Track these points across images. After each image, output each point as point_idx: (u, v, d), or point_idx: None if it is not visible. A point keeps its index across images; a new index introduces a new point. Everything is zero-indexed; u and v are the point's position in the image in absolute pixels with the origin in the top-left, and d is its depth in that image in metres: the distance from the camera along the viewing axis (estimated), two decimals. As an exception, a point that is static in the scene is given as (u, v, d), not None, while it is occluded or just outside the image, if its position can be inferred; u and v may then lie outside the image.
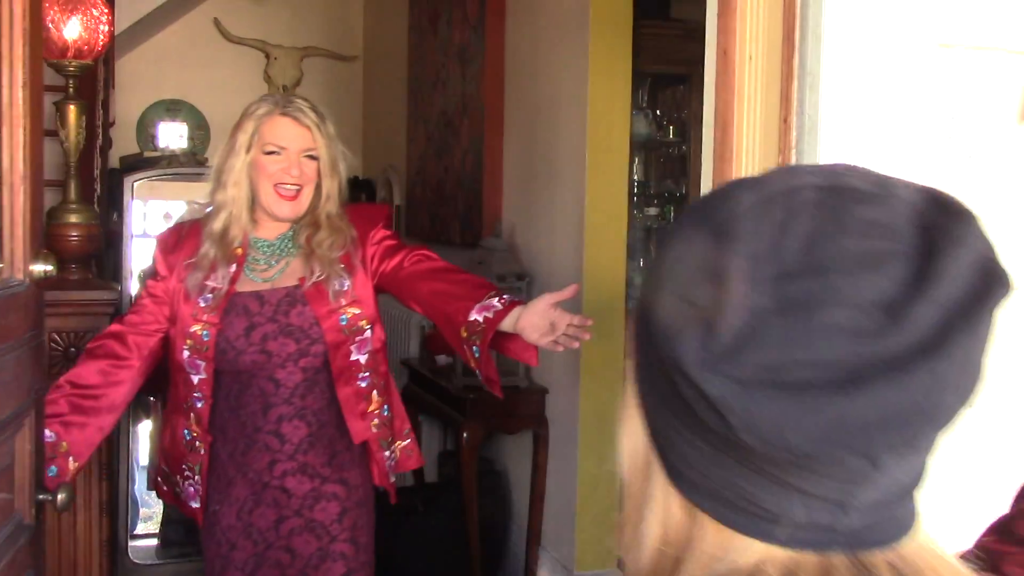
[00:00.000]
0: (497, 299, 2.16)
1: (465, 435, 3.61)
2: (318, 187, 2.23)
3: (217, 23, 6.29)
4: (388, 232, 2.37)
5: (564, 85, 3.66)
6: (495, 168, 4.19)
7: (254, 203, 2.21)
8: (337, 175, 2.26)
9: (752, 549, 0.59)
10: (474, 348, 2.14)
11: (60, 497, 1.85)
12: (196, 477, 2.22)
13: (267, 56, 6.40)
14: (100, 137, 4.05)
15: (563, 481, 3.68)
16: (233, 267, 2.18)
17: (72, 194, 3.00)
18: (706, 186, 1.32)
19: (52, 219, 3.04)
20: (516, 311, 2.11)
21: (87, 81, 3.43)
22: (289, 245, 2.25)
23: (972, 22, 1.21)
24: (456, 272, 2.33)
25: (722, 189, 0.61)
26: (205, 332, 2.16)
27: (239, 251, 2.19)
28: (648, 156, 4.24)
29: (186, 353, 2.17)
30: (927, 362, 0.52)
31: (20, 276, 1.79)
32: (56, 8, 2.84)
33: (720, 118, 1.26)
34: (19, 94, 1.76)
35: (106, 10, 2.97)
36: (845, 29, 1.13)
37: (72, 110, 2.94)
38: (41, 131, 1.89)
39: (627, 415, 0.68)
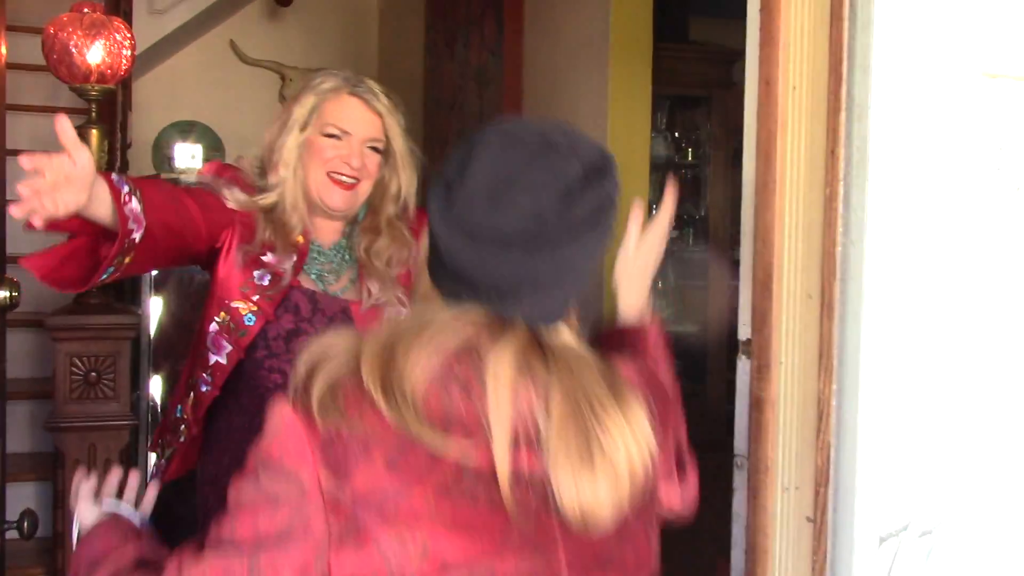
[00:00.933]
0: None
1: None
2: (380, 184, 1.91)
3: (233, 45, 6.31)
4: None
5: (584, 107, 3.65)
6: (513, 190, 4.18)
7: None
8: (406, 172, 1.93)
9: (471, 312, 0.99)
10: None
11: (25, 525, 1.80)
12: (162, 461, 1.90)
13: (282, 77, 6.41)
14: (119, 160, 4.05)
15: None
16: (295, 257, 1.85)
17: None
18: (747, 217, 1.30)
19: (73, 243, 3.04)
20: None
21: (107, 104, 3.43)
22: (345, 256, 1.94)
23: (1017, 51, 1.20)
24: None
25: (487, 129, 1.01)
26: (250, 316, 1.82)
27: (300, 240, 1.86)
28: (666, 178, 4.23)
29: (214, 326, 1.82)
30: (577, 239, 0.97)
31: None
32: (79, 33, 2.85)
33: (763, 149, 1.24)
34: None
35: (129, 35, 2.97)
36: (893, 60, 1.12)
37: (95, 135, 2.94)
38: (4, 158, 1.83)
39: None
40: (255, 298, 1.82)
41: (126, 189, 1.49)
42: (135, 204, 1.49)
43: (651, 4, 3.49)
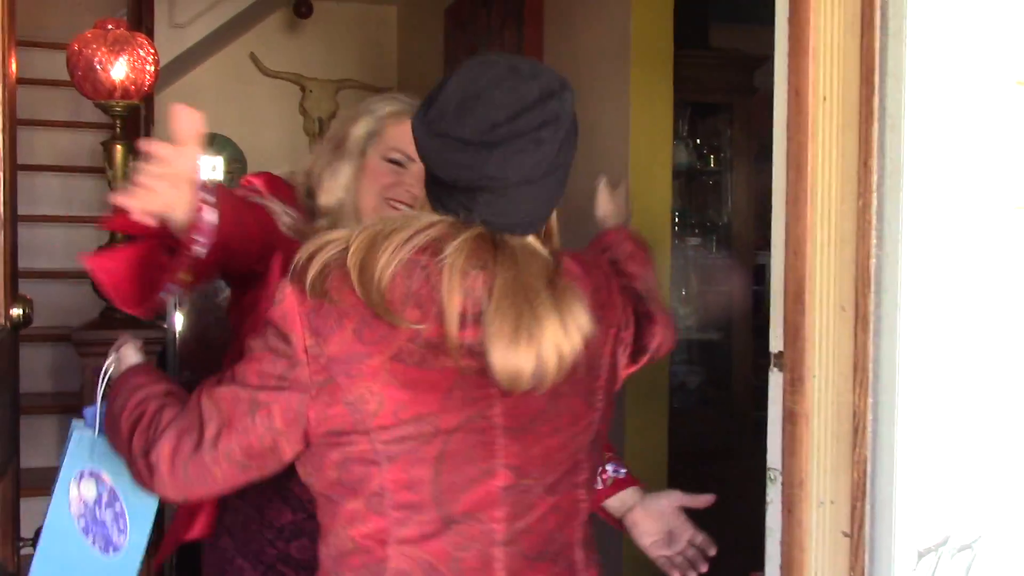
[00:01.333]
0: (602, 473, 1.75)
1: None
2: None
3: (253, 57, 6.35)
4: None
5: (605, 115, 3.65)
6: (535, 199, 4.16)
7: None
8: None
9: (444, 218, 1.25)
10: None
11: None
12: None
13: (302, 89, 6.44)
14: (142, 173, 4.07)
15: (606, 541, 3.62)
16: None
17: (119, 234, 3.01)
18: (777, 229, 1.29)
19: (99, 258, 3.06)
20: (625, 494, 1.76)
21: (132, 119, 3.46)
22: None
23: (1051, 57, 1.18)
24: None
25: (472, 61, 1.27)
26: None
27: None
28: (688, 185, 4.22)
29: None
30: (524, 148, 1.19)
31: (1, 321, 1.75)
32: (104, 50, 2.87)
33: (793, 159, 1.23)
34: (0, 138, 1.73)
35: (152, 50, 2.99)
36: (926, 69, 1.10)
37: (119, 150, 2.96)
38: (16, 174, 1.84)
39: None
40: None
41: (207, 198, 1.37)
42: (211, 217, 1.36)
43: (671, 11, 3.48)
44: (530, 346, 1.17)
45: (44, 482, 3.52)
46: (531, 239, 1.28)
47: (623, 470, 1.79)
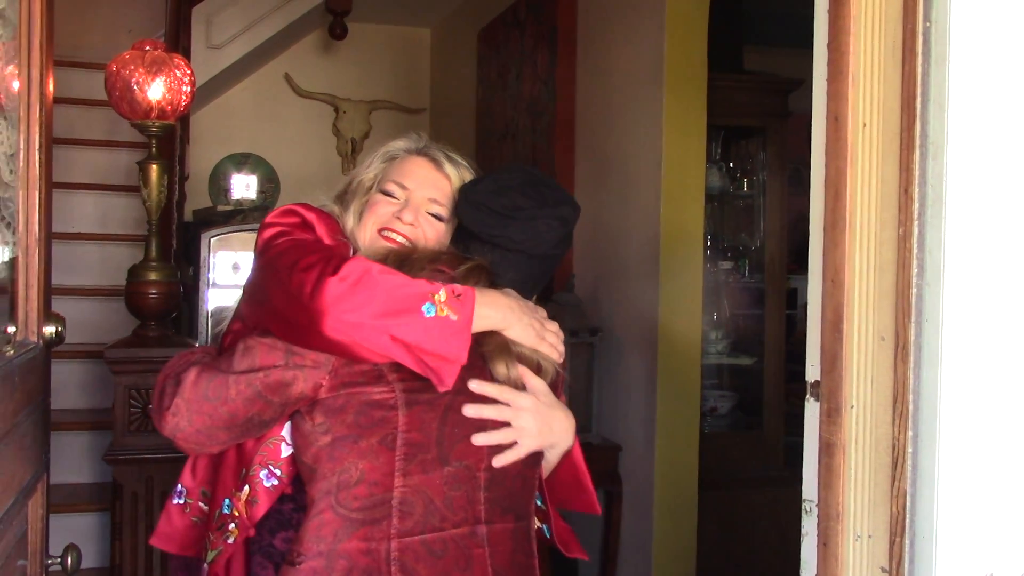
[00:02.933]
0: None
1: (537, 493, 3.55)
2: None
3: (287, 78, 6.41)
4: None
5: (638, 138, 3.64)
6: (566, 221, 4.16)
7: None
8: None
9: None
10: (544, 527, 1.75)
11: (69, 560, 1.81)
12: (205, 566, 1.63)
13: (336, 110, 6.49)
14: (177, 192, 4.12)
15: (637, 540, 3.59)
16: None
17: (154, 252, 3.04)
18: (815, 256, 1.27)
19: (133, 277, 3.08)
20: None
21: (167, 138, 3.49)
22: None
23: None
24: None
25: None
26: None
27: None
28: (721, 208, 4.19)
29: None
30: (534, 229, 1.60)
31: (34, 339, 1.76)
32: (141, 71, 2.90)
33: (832, 186, 1.21)
34: (36, 156, 1.73)
35: (189, 71, 3.02)
36: (969, 96, 1.08)
37: (154, 170, 2.98)
38: (51, 192, 1.85)
39: None
40: None
41: None
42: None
43: (705, 34, 3.47)
44: None
45: (74, 498, 3.56)
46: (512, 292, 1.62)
47: None
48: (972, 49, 1.08)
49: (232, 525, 1.59)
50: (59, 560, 1.84)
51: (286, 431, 1.58)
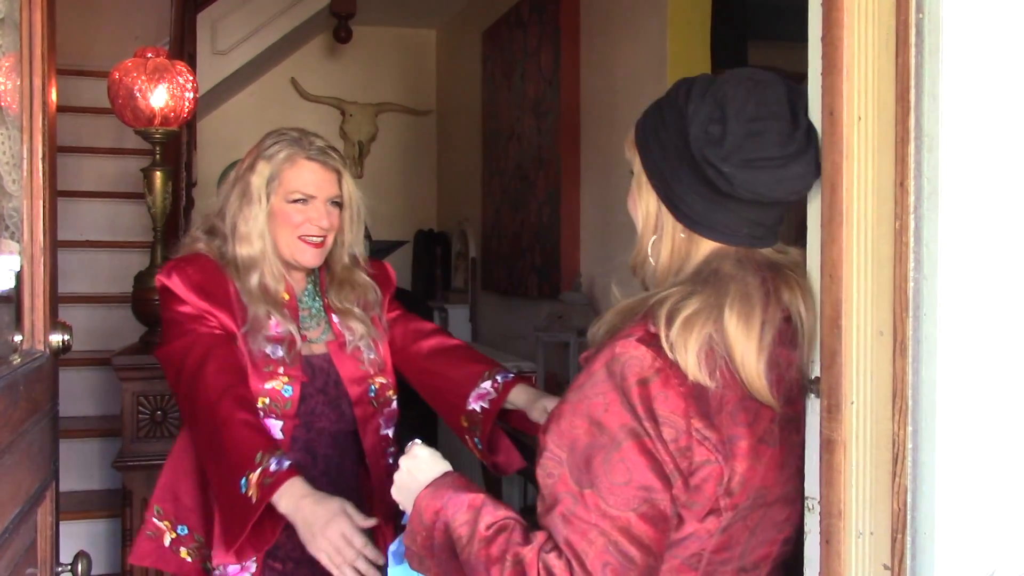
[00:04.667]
0: (491, 383, 2.00)
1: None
2: (337, 237, 2.03)
3: (294, 82, 6.42)
4: (398, 310, 2.19)
5: (642, 136, 3.62)
6: (572, 220, 4.16)
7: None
8: (361, 223, 2.08)
9: (719, 248, 1.30)
10: (475, 439, 2.00)
11: (80, 567, 1.81)
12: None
13: (343, 113, 6.50)
14: (184, 199, 4.13)
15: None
16: (290, 316, 1.95)
17: (159, 258, 3.05)
18: (812, 252, 1.26)
19: (139, 283, 3.09)
20: (516, 390, 1.98)
21: (172, 145, 3.50)
22: (315, 299, 2.06)
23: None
24: (450, 350, 2.13)
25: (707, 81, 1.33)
26: (287, 388, 1.90)
27: (287, 297, 1.97)
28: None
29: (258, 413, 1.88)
30: (807, 155, 1.23)
31: (40, 347, 1.76)
32: (143, 77, 2.91)
33: (828, 181, 1.20)
34: (39, 165, 1.74)
35: (191, 77, 3.03)
36: (963, 87, 1.07)
37: (159, 176, 2.99)
38: (56, 201, 1.87)
39: (640, 192, 1.35)
40: (281, 370, 1.89)
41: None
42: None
43: (708, 30, 3.46)
44: None
45: (84, 505, 3.58)
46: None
47: (499, 377, 2.02)
48: (966, 40, 1.07)
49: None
50: (69, 568, 1.84)
51: None
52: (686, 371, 1.18)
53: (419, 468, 1.40)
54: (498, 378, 2.02)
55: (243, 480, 1.67)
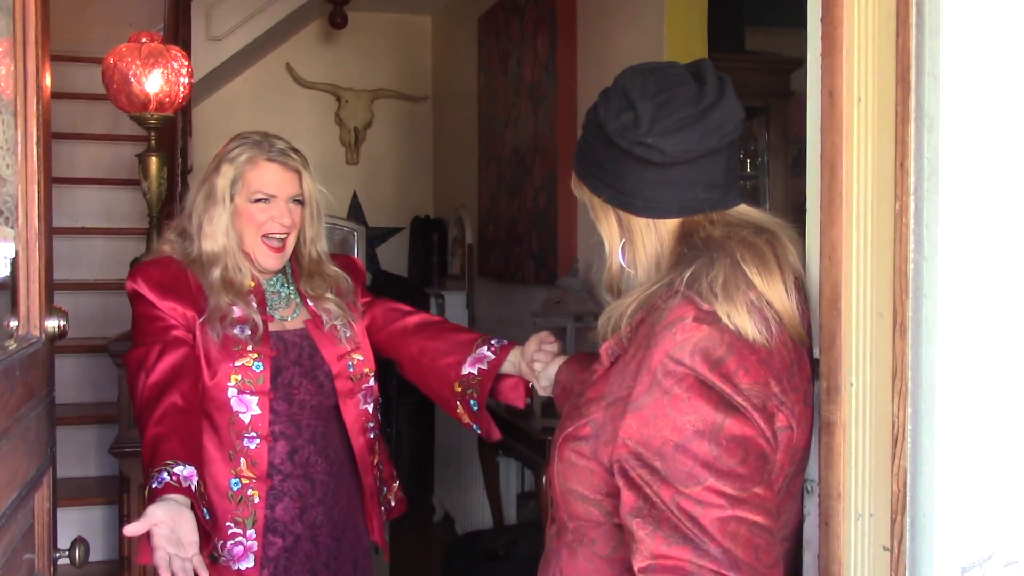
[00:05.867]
0: (487, 347, 2.08)
1: (546, 478, 3.54)
2: (300, 232, 2.12)
3: (289, 69, 6.39)
4: (368, 296, 2.29)
5: (639, 122, 3.61)
6: (569, 206, 4.15)
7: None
8: (322, 219, 2.16)
9: (686, 222, 1.30)
10: (471, 402, 2.05)
11: (77, 553, 1.81)
12: (249, 531, 1.98)
13: (338, 99, 6.48)
14: (179, 185, 4.11)
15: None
16: (255, 302, 2.04)
17: (154, 244, 3.03)
18: (812, 234, 1.26)
19: (135, 269, 3.08)
20: (513, 352, 2.05)
21: (167, 131, 3.49)
22: (286, 282, 2.15)
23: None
24: (437, 323, 2.22)
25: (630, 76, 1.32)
26: (257, 364, 1.98)
27: (252, 284, 2.07)
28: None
29: (232, 391, 1.97)
30: (723, 101, 1.26)
31: (36, 333, 1.76)
32: (138, 62, 2.89)
33: (827, 163, 1.20)
34: (33, 151, 1.73)
35: (186, 63, 3.01)
36: (963, 67, 1.07)
37: (154, 162, 2.98)
38: (50, 186, 1.87)
39: (599, 215, 1.37)
40: (250, 348, 1.98)
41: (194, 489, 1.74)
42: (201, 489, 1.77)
43: (705, 15, 3.45)
44: None
45: (81, 492, 3.57)
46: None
47: (494, 342, 2.09)
48: (966, 20, 1.07)
49: (251, 490, 2.00)
50: (67, 554, 1.84)
51: None
52: (749, 336, 1.16)
53: None
54: (493, 342, 2.09)
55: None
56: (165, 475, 1.72)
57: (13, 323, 1.67)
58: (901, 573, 1.11)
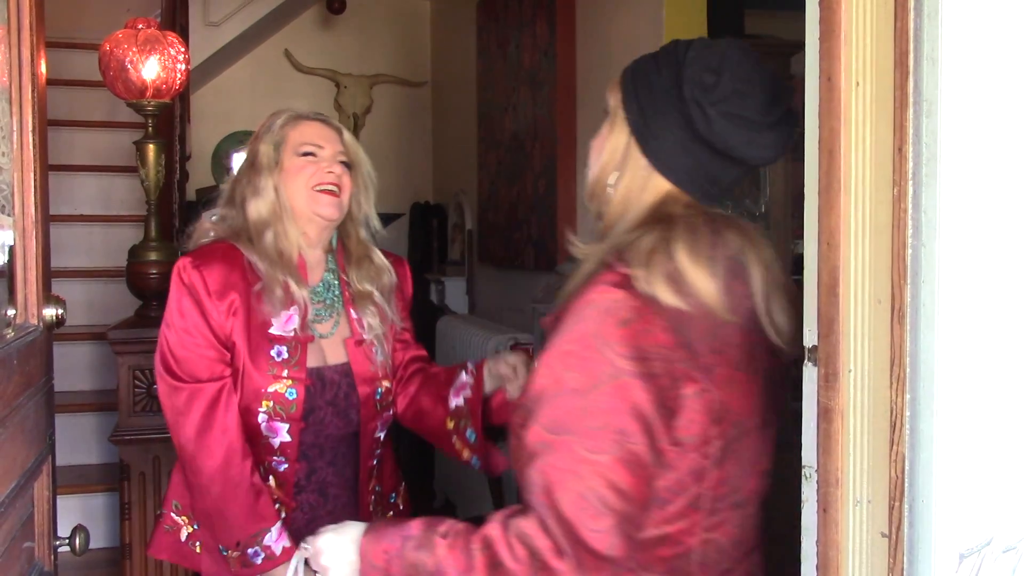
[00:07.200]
0: (464, 373, 2.00)
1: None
2: (352, 201, 2.02)
3: (288, 54, 6.37)
4: (409, 332, 2.16)
5: (638, 106, 3.60)
6: (569, 192, 4.14)
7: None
8: (372, 189, 2.07)
9: (672, 191, 1.34)
10: (468, 432, 1.97)
11: (77, 541, 1.82)
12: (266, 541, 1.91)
13: (337, 85, 6.46)
14: (178, 172, 4.11)
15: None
16: (296, 316, 1.92)
17: (153, 232, 3.03)
18: (810, 219, 1.25)
19: (133, 257, 3.08)
20: (487, 364, 1.97)
21: (164, 118, 3.48)
22: (333, 291, 2.03)
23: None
24: (433, 375, 2.11)
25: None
26: (291, 391, 1.89)
27: (297, 257, 1.95)
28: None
29: (262, 417, 1.89)
30: (779, 130, 1.32)
31: (34, 321, 1.76)
32: (135, 49, 2.88)
33: (825, 148, 1.19)
34: (30, 138, 1.73)
35: (183, 49, 3.00)
36: (963, 51, 1.06)
37: (151, 149, 2.97)
38: (47, 174, 1.86)
39: (613, 127, 1.39)
40: (284, 374, 1.89)
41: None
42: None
43: (705, -1, 3.43)
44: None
45: (82, 479, 3.58)
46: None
47: (469, 364, 2.02)
48: (965, 2, 1.06)
49: (277, 504, 1.95)
50: (67, 541, 1.84)
51: None
52: (663, 301, 1.21)
53: (333, 549, 1.40)
54: (469, 364, 2.03)
55: (237, 543, 1.84)
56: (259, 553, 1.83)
57: (11, 311, 1.67)
58: (899, 559, 1.11)
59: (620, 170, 1.36)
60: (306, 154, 1.96)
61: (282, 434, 1.91)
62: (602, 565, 1.19)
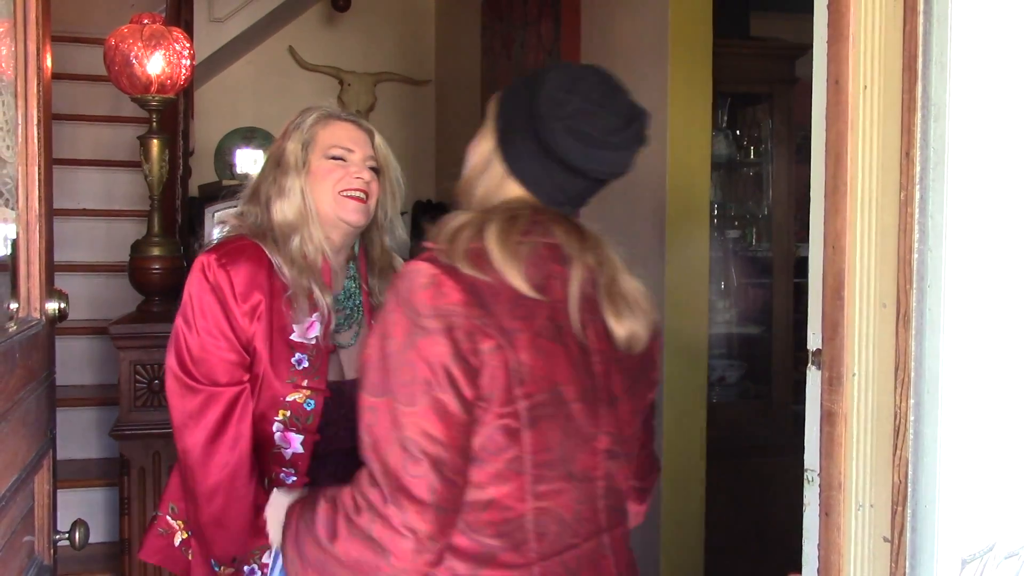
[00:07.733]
0: None
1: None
2: (378, 207, 1.95)
3: (291, 51, 6.37)
4: None
5: (643, 106, 3.59)
6: (572, 192, 4.13)
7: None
8: (400, 196, 2.00)
9: (524, 195, 1.45)
10: None
11: (77, 535, 1.81)
12: (264, 558, 1.86)
13: (341, 82, 6.45)
14: (181, 167, 4.10)
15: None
16: (318, 324, 1.86)
17: (156, 227, 3.03)
18: (815, 222, 1.25)
19: (136, 252, 3.07)
20: None
21: (168, 113, 3.47)
22: (355, 301, 1.98)
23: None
24: None
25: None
26: (309, 401, 1.84)
27: (319, 297, 1.87)
28: (728, 176, 4.15)
29: (277, 426, 1.84)
30: (621, 152, 1.42)
31: (36, 315, 1.75)
32: (140, 44, 2.87)
33: (832, 151, 1.19)
34: (34, 132, 1.72)
35: (188, 44, 2.99)
36: (971, 56, 1.06)
37: (155, 144, 2.97)
38: (51, 168, 1.85)
39: (484, 134, 1.52)
40: (304, 383, 1.84)
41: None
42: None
43: (710, 0, 3.43)
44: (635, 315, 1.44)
45: (82, 474, 3.57)
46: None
47: None
48: (974, 6, 1.05)
49: None
50: (67, 535, 1.84)
51: None
52: (462, 270, 1.31)
53: (276, 505, 1.54)
54: None
55: (233, 558, 1.83)
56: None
57: (13, 305, 1.67)
58: (901, 564, 1.10)
59: (484, 172, 1.50)
60: (335, 158, 1.89)
61: (295, 445, 1.85)
62: (425, 511, 1.27)
